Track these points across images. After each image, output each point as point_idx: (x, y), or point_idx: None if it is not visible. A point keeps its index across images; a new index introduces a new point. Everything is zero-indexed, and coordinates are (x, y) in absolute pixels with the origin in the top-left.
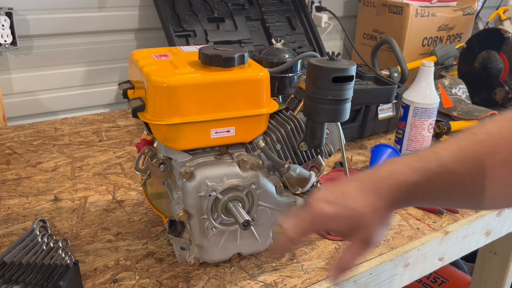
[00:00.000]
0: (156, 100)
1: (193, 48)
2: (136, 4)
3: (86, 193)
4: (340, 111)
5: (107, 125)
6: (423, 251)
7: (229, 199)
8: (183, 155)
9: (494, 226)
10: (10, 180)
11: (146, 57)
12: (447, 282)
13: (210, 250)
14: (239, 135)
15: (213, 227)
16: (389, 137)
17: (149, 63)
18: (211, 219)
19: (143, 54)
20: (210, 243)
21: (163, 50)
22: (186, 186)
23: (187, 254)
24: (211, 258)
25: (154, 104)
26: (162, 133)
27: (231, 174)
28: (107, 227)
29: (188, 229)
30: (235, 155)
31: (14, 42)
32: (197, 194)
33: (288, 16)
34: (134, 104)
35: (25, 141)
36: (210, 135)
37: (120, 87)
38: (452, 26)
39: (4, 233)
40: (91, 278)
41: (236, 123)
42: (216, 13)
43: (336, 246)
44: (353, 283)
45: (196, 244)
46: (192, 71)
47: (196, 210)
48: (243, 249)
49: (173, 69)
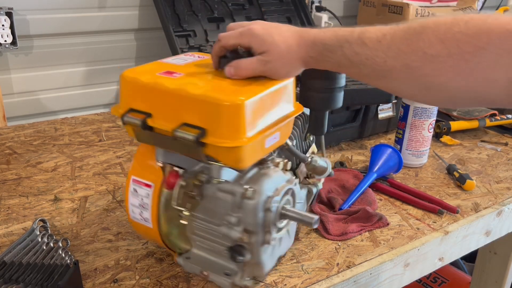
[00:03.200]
0: (233, 120)
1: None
2: (136, 4)
3: (86, 193)
4: (341, 98)
5: (107, 125)
6: (423, 251)
7: (283, 205)
8: (232, 174)
9: (494, 226)
10: (10, 180)
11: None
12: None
13: (265, 263)
14: (281, 140)
15: (273, 239)
16: (389, 137)
17: (185, 83)
18: (273, 231)
19: (147, 74)
20: (266, 256)
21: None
22: (250, 204)
23: (236, 278)
24: (264, 272)
25: (228, 125)
26: (234, 154)
27: (281, 179)
28: (107, 227)
29: (248, 250)
30: (269, 161)
31: (14, 42)
32: (262, 210)
33: (288, 16)
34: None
35: (25, 141)
36: (265, 145)
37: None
38: None
39: (4, 233)
40: (91, 278)
41: (281, 128)
42: (216, 13)
43: (336, 246)
44: (353, 283)
45: (254, 263)
46: (244, 83)
47: (261, 226)
48: (282, 250)
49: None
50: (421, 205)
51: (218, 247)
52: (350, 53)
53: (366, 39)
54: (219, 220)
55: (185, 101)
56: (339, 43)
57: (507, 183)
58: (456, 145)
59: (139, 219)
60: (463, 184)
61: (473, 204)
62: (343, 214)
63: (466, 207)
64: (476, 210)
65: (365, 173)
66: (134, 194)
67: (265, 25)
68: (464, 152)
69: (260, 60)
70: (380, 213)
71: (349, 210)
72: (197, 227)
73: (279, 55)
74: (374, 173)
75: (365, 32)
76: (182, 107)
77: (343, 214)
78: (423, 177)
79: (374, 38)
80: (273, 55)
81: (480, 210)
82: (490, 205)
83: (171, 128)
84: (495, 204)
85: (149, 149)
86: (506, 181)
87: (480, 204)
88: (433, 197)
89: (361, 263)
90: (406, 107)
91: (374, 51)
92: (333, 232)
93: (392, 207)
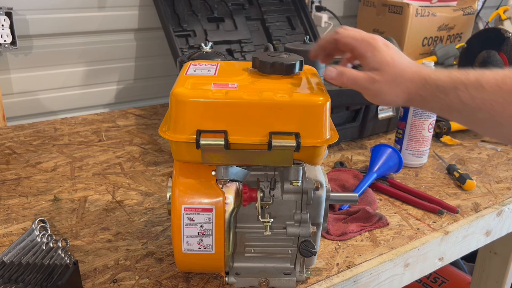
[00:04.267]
0: (322, 120)
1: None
2: (136, 4)
3: (85, 193)
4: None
5: (107, 125)
6: (423, 251)
7: None
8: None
9: (494, 226)
10: (10, 180)
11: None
12: (447, 282)
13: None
14: None
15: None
16: (389, 137)
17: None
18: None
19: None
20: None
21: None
22: (321, 196)
23: (297, 274)
24: (315, 261)
25: (321, 124)
26: (319, 152)
27: (320, 169)
28: (106, 227)
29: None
30: None
31: (14, 42)
32: (327, 200)
33: (288, 16)
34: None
35: (24, 141)
36: None
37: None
38: (452, 26)
39: (4, 233)
40: (91, 278)
41: None
42: (216, 13)
43: (336, 246)
44: (353, 283)
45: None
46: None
47: (324, 216)
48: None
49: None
50: (421, 205)
51: (280, 250)
52: (466, 96)
53: (484, 82)
54: (283, 222)
55: (274, 109)
56: (454, 85)
57: (507, 183)
58: (456, 145)
59: (197, 249)
60: (463, 184)
61: (473, 204)
62: (343, 214)
63: (466, 207)
64: (476, 210)
65: (365, 173)
66: (190, 224)
67: (387, 43)
68: (464, 152)
69: (369, 77)
70: (380, 213)
71: (349, 210)
72: (253, 238)
73: (390, 79)
74: (374, 173)
75: (483, 75)
76: (270, 116)
77: (343, 214)
78: (423, 177)
79: (493, 82)
80: (384, 77)
81: (480, 210)
82: (490, 205)
83: (261, 140)
84: (495, 204)
85: (195, 171)
86: (506, 181)
87: (480, 204)
88: (433, 197)
89: (361, 263)
90: (406, 107)
91: (492, 96)
92: (333, 232)
93: (392, 207)
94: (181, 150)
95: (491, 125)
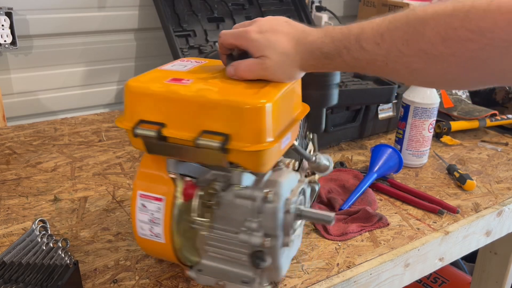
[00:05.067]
0: (255, 124)
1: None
2: (136, 4)
3: (86, 193)
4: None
5: (107, 125)
6: (423, 251)
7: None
8: (250, 179)
9: (494, 226)
10: (10, 180)
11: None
12: (447, 282)
13: (283, 267)
14: (292, 140)
15: (291, 241)
16: (389, 137)
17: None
18: (291, 233)
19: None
20: (283, 259)
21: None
22: (270, 208)
23: (255, 285)
24: (281, 275)
25: (252, 128)
26: (257, 158)
27: (295, 180)
28: (107, 227)
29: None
30: (281, 162)
31: (14, 42)
32: (281, 212)
33: (288, 16)
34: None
35: (25, 141)
36: (281, 146)
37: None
38: None
39: (4, 233)
40: (91, 278)
41: (292, 128)
42: (216, 13)
43: (336, 246)
44: (353, 283)
45: (273, 267)
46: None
47: (281, 229)
48: (294, 251)
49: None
50: (421, 205)
51: (235, 255)
52: (350, 59)
53: (364, 43)
54: (236, 227)
55: (206, 107)
56: (337, 50)
57: (508, 183)
58: (456, 145)
59: (149, 236)
60: (463, 184)
61: (474, 204)
62: (343, 214)
63: (466, 207)
64: (476, 210)
65: (365, 173)
66: (142, 210)
67: (263, 26)
68: (465, 152)
69: (259, 64)
70: (380, 213)
71: (349, 210)
72: (211, 237)
73: (276, 61)
74: (374, 173)
75: (362, 34)
76: (202, 114)
77: (343, 214)
78: (423, 177)
79: (372, 41)
80: (270, 61)
81: (481, 210)
82: (491, 205)
83: (191, 137)
84: (495, 204)
85: (155, 161)
86: (506, 181)
87: (480, 204)
88: (433, 197)
89: (361, 263)
90: (406, 107)
91: (373, 55)
92: (333, 232)
93: (392, 207)
94: (130, 138)
95: (381, 75)
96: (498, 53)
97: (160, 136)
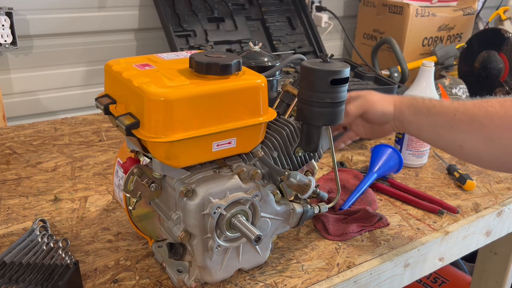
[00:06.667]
0: (157, 116)
1: (172, 55)
2: (136, 4)
3: (86, 193)
4: (337, 114)
5: (107, 125)
6: (423, 251)
7: (233, 214)
8: (180, 172)
9: (494, 226)
10: (10, 180)
11: (129, 68)
12: (447, 282)
13: (213, 270)
14: (240, 146)
15: (218, 246)
16: (389, 137)
17: (136, 75)
18: (216, 238)
19: (122, 64)
20: (213, 263)
21: (142, 59)
22: (188, 205)
23: (185, 276)
24: (213, 279)
25: (153, 120)
26: (162, 150)
27: (233, 187)
28: (107, 227)
29: (189, 251)
30: (234, 167)
31: (14, 42)
32: (200, 212)
33: (288, 16)
34: (126, 121)
35: (25, 141)
36: (212, 149)
37: (100, 102)
38: (452, 26)
39: (4, 233)
40: (91, 278)
41: (237, 134)
42: (216, 13)
43: (336, 246)
44: (354, 283)
45: (198, 266)
46: (188, 82)
47: (199, 229)
48: (245, 264)
49: (166, 80)
50: (421, 205)
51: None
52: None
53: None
54: (167, 214)
55: (129, 91)
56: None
57: (507, 183)
58: None
59: (119, 199)
60: (463, 184)
61: (473, 204)
62: (343, 214)
63: (466, 207)
64: (476, 210)
65: (365, 173)
66: (116, 175)
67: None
68: None
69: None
70: (380, 213)
71: (349, 210)
72: (160, 217)
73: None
74: (374, 173)
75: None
76: (128, 97)
77: (343, 214)
78: (423, 177)
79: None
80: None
81: (480, 210)
82: (490, 205)
83: (118, 113)
84: (495, 204)
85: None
86: (506, 181)
87: (480, 204)
88: (433, 197)
89: (361, 263)
90: None
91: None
92: (333, 232)
93: (392, 207)
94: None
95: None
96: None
97: (107, 110)
